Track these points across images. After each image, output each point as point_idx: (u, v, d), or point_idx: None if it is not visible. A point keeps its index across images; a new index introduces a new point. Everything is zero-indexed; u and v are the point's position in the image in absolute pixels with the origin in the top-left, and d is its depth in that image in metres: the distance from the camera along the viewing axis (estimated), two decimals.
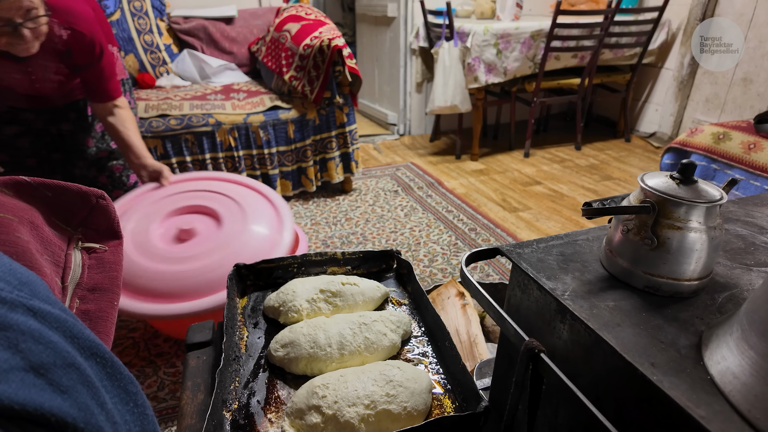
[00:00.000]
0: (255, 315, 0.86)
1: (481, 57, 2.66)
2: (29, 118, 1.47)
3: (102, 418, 0.30)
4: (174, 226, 1.26)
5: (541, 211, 2.34)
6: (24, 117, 1.46)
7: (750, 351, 0.41)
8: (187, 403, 0.71)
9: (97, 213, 0.47)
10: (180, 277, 1.16)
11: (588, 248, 0.65)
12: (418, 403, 0.62)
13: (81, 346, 0.32)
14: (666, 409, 0.43)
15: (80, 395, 0.28)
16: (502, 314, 0.55)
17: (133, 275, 1.16)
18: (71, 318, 0.33)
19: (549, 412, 0.61)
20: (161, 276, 1.16)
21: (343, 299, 0.85)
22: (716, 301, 0.54)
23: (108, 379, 0.34)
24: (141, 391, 0.36)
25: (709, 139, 1.90)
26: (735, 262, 0.62)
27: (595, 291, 0.56)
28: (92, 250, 0.46)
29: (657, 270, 0.54)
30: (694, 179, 0.54)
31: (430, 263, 1.88)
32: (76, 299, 0.42)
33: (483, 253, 0.66)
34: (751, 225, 0.71)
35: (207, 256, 1.19)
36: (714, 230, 0.52)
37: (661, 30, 3.02)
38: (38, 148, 1.52)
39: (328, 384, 0.63)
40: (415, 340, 0.80)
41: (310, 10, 2.49)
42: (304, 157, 2.36)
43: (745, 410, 0.39)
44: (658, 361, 0.46)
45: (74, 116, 1.55)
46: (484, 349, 1.08)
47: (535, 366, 0.50)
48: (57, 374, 0.27)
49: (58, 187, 0.44)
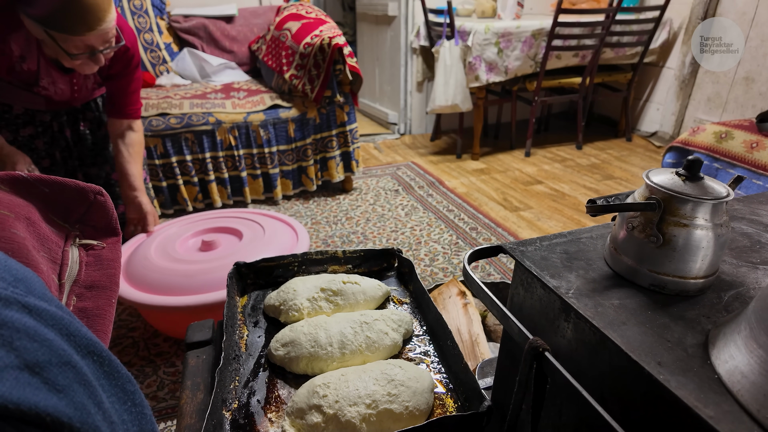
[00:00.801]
0: (255, 314, 0.86)
1: (482, 56, 2.65)
2: (46, 120, 1.46)
3: (99, 417, 0.29)
4: (200, 240, 1.42)
5: (542, 211, 2.33)
6: (41, 118, 1.45)
7: (759, 350, 0.40)
8: (186, 402, 0.70)
9: (95, 209, 0.47)
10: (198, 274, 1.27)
11: (592, 246, 0.65)
12: (420, 403, 0.62)
13: (77, 344, 0.31)
14: (673, 409, 0.42)
15: (76, 394, 0.27)
16: (506, 312, 0.55)
17: (160, 274, 1.28)
18: (68, 315, 0.32)
19: (553, 412, 0.60)
20: (183, 274, 1.27)
21: (344, 298, 0.84)
22: (722, 299, 0.54)
23: (105, 378, 0.33)
24: (139, 390, 0.35)
25: (711, 138, 1.90)
26: (741, 260, 0.61)
27: (599, 289, 0.55)
28: (90, 247, 0.45)
29: (662, 268, 0.53)
30: (700, 176, 0.53)
31: (431, 262, 1.88)
32: (74, 296, 0.41)
33: (485, 251, 0.66)
34: (756, 223, 0.71)
35: (223, 259, 1.31)
36: (720, 227, 0.52)
37: (662, 29, 3.01)
38: (53, 149, 1.51)
39: (329, 383, 0.62)
40: (417, 339, 0.79)
41: (310, 8, 2.48)
42: (304, 156, 2.35)
43: (755, 410, 0.39)
44: (665, 360, 0.45)
45: (91, 116, 1.55)
46: (486, 348, 1.07)
47: (539, 365, 0.50)
48: (53, 373, 0.26)
49: (55, 183, 0.44)
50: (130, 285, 1.27)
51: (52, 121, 1.48)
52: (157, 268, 1.28)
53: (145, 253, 1.35)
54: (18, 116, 1.41)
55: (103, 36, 1.18)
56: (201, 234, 1.47)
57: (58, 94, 1.39)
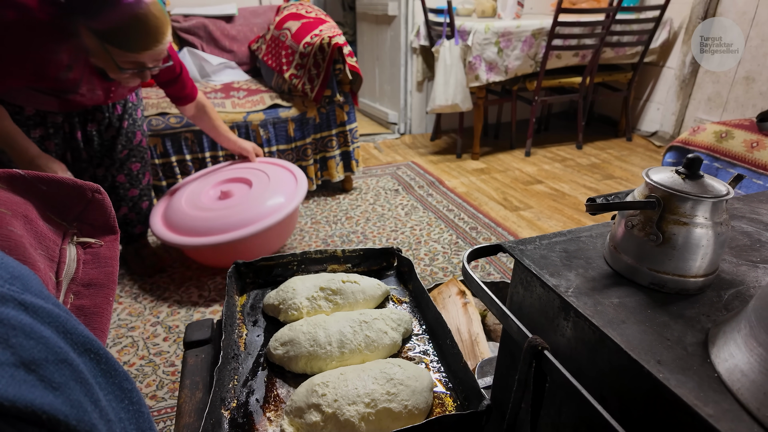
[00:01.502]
0: (254, 313, 0.86)
1: (482, 55, 2.65)
2: (57, 121, 1.46)
3: (95, 415, 0.29)
4: (218, 191, 1.72)
5: (542, 210, 2.33)
6: (53, 119, 1.44)
7: (759, 348, 0.40)
8: (185, 401, 0.70)
9: (92, 208, 0.46)
10: (217, 218, 1.59)
11: (591, 245, 0.64)
12: (419, 402, 0.61)
13: (74, 341, 0.31)
14: (672, 408, 0.42)
15: (73, 392, 0.27)
16: (505, 311, 0.55)
17: (188, 220, 1.61)
18: (64, 313, 0.32)
19: (552, 411, 0.60)
20: (206, 219, 1.60)
21: (343, 297, 0.84)
22: (722, 298, 0.53)
23: (102, 376, 0.33)
24: (136, 388, 0.35)
25: (712, 137, 1.89)
26: (741, 259, 0.61)
27: (599, 288, 0.55)
28: (88, 245, 0.45)
29: (662, 266, 0.53)
30: (699, 174, 0.53)
31: (431, 262, 1.87)
32: (71, 294, 0.41)
33: (485, 249, 0.65)
34: (756, 222, 0.71)
35: (240, 206, 1.62)
36: (720, 226, 0.52)
37: (662, 29, 3.00)
38: (64, 150, 1.51)
39: (328, 382, 0.62)
40: (416, 338, 0.79)
41: (310, 8, 2.48)
42: (304, 155, 2.35)
43: (755, 408, 0.38)
44: (664, 358, 0.45)
45: (100, 117, 1.54)
46: (486, 348, 1.07)
47: (538, 363, 0.49)
48: (49, 370, 0.26)
49: (52, 180, 0.44)
50: (172, 231, 1.60)
51: (64, 122, 1.48)
52: (190, 217, 1.61)
53: (178, 206, 1.67)
54: (29, 117, 1.40)
55: (156, 56, 1.22)
56: (218, 185, 1.76)
57: (92, 100, 1.40)
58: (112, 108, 1.56)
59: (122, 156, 1.63)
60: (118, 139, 1.60)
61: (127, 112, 1.60)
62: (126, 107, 1.60)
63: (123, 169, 1.65)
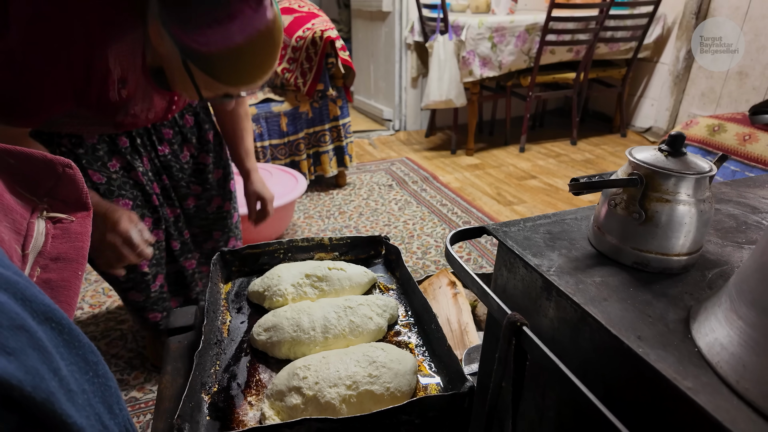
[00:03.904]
0: (239, 300, 0.85)
1: (476, 50, 2.65)
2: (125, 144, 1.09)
3: (54, 384, 0.28)
4: None
5: (536, 205, 2.33)
6: (121, 144, 1.08)
7: (739, 321, 0.39)
8: (166, 386, 0.69)
9: (64, 183, 0.45)
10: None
11: (576, 227, 0.64)
12: (402, 384, 0.61)
13: (34, 309, 0.30)
14: (653, 384, 0.41)
15: (29, 359, 0.26)
16: (485, 289, 0.54)
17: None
18: (25, 281, 0.31)
19: (536, 394, 0.60)
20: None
21: (329, 284, 0.83)
22: (706, 277, 0.53)
23: (65, 347, 0.32)
24: (103, 361, 0.34)
25: (704, 131, 1.89)
26: (726, 240, 0.60)
27: (582, 267, 0.54)
28: (58, 220, 0.44)
29: (645, 245, 0.53)
30: (683, 151, 0.52)
31: (423, 255, 1.87)
32: (38, 268, 0.40)
33: (468, 232, 0.65)
34: (743, 205, 0.70)
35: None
36: (703, 203, 0.51)
37: (656, 24, 3.00)
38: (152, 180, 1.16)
39: (309, 365, 0.62)
40: (402, 324, 0.79)
41: (302, 2, 2.47)
42: (297, 150, 2.34)
43: (734, 381, 0.38)
44: (645, 334, 0.44)
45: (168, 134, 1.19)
46: (475, 337, 1.06)
47: (518, 341, 0.49)
48: (2, 335, 0.25)
49: (21, 154, 0.43)
50: None
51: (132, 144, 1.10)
52: None
53: None
54: (96, 147, 1.03)
55: (256, 87, 0.89)
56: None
57: (148, 120, 1.04)
58: (180, 117, 1.20)
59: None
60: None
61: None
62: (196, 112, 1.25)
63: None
